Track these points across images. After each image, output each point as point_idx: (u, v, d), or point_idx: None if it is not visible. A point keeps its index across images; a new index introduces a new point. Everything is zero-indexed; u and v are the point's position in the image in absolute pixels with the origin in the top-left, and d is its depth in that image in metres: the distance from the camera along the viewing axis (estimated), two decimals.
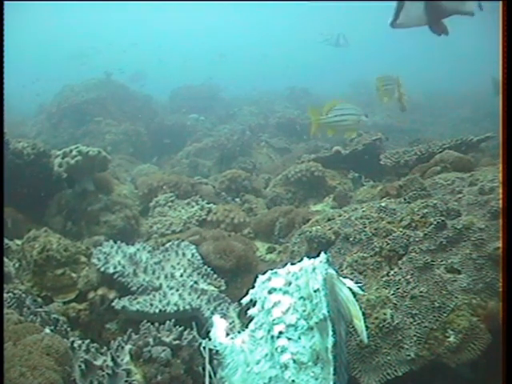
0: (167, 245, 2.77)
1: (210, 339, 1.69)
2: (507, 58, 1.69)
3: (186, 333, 1.89)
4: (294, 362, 1.37)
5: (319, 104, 11.11)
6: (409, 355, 1.66)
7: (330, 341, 1.31)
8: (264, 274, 1.57)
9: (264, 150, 7.20)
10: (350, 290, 1.40)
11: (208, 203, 3.96)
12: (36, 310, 2.01)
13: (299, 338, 1.40)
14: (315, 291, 1.37)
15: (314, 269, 1.42)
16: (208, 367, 1.67)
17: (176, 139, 7.95)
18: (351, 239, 2.10)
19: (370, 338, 1.69)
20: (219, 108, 10.47)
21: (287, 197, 4.31)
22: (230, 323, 2.14)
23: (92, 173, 3.73)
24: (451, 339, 1.65)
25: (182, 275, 2.51)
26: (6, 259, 2.52)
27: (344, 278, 1.47)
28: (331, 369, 1.32)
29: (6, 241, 2.76)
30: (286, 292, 1.48)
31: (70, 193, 3.63)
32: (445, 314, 1.70)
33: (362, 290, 1.49)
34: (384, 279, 1.86)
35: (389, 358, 1.68)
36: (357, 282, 1.54)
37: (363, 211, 2.26)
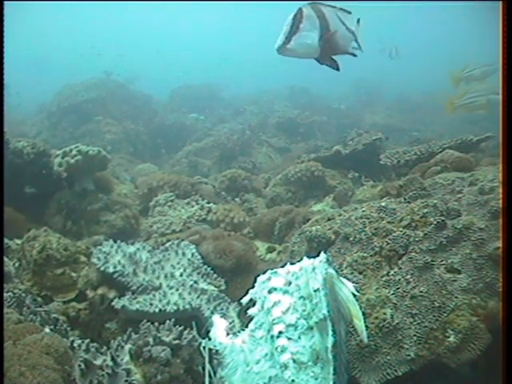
0: (167, 244, 2.77)
1: (209, 339, 1.69)
2: (507, 57, 1.69)
3: (185, 332, 1.89)
4: (294, 361, 1.37)
5: (318, 102, 11.07)
6: (409, 355, 1.66)
7: (330, 340, 1.31)
8: (264, 273, 1.57)
9: (264, 150, 7.20)
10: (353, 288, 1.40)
11: (208, 203, 3.96)
12: (36, 310, 2.00)
13: (299, 337, 1.40)
14: (315, 291, 1.37)
15: (313, 268, 1.42)
16: (208, 367, 1.67)
17: (176, 139, 7.95)
18: (351, 239, 2.10)
19: (370, 337, 1.69)
20: (219, 108, 10.47)
21: (287, 196, 4.32)
22: (230, 323, 2.14)
23: (92, 172, 3.73)
24: (451, 339, 1.65)
25: (181, 275, 2.51)
26: (5, 259, 2.52)
27: (343, 277, 1.47)
28: (331, 368, 1.32)
29: (5, 240, 2.76)
30: (285, 292, 1.48)
31: (70, 192, 3.63)
32: (445, 314, 1.70)
33: (358, 292, 1.48)
34: (384, 279, 1.86)
35: (389, 357, 1.68)
36: (354, 282, 1.54)
37: (363, 211, 2.26)
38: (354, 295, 1.40)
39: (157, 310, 2.19)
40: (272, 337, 1.42)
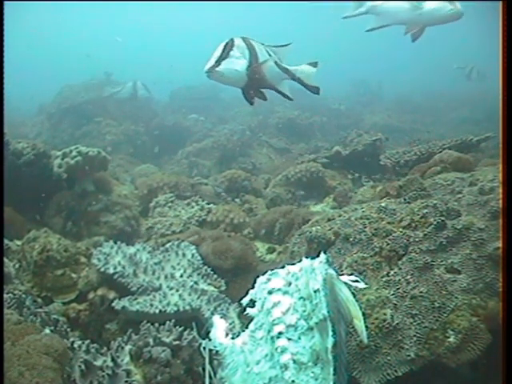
0: (167, 245, 2.77)
1: (210, 339, 1.69)
2: (507, 57, 1.69)
3: (185, 333, 1.89)
4: (294, 362, 1.37)
5: (318, 103, 11.09)
6: (409, 355, 1.66)
7: (330, 341, 1.30)
8: (264, 274, 1.57)
9: (264, 150, 7.20)
10: (350, 289, 1.40)
11: (208, 204, 3.96)
12: (36, 311, 2.00)
13: (299, 338, 1.40)
14: (315, 291, 1.37)
15: (313, 269, 1.42)
16: (208, 367, 1.67)
17: (176, 139, 7.94)
18: (351, 239, 2.10)
19: (370, 338, 1.69)
20: (219, 108, 10.46)
21: (287, 197, 4.32)
22: (230, 323, 2.14)
23: (92, 173, 3.73)
24: (451, 339, 1.65)
25: (182, 275, 2.51)
26: (6, 260, 2.52)
27: (349, 275, 1.47)
28: (331, 369, 1.31)
29: (6, 241, 2.76)
30: (285, 292, 1.47)
31: (70, 193, 3.63)
32: (445, 314, 1.70)
33: (366, 284, 1.47)
34: (384, 279, 1.86)
35: (389, 358, 1.68)
36: (356, 281, 1.53)
37: (363, 211, 2.26)
38: (355, 295, 1.40)
39: (157, 311, 2.19)
40: (272, 337, 1.42)
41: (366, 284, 1.50)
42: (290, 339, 1.40)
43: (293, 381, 1.36)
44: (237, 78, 1.86)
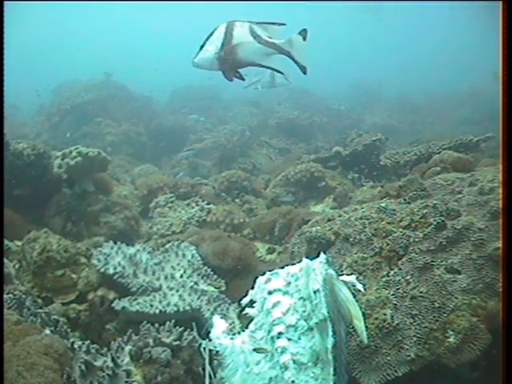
0: (167, 246, 2.77)
1: (210, 340, 1.69)
2: (507, 57, 1.69)
3: (186, 333, 1.89)
4: (294, 362, 1.37)
5: (318, 103, 11.01)
6: (409, 355, 1.66)
7: (330, 341, 1.31)
8: (264, 274, 1.57)
9: (264, 151, 7.20)
10: (350, 289, 1.40)
11: (208, 204, 3.96)
12: (36, 311, 2.00)
13: (299, 338, 1.40)
14: (315, 292, 1.37)
15: (313, 269, 1.42)
16: (208, 368, 1.67)
17: (176, 140, 7.94)
18: (351, 240, 2.10)
19: (370, 338, 1.69)
20: (219, 108, 10.46)
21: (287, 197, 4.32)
22: (230, 324, 2.14)
23: (92, 174, 3.73)
24: (451, 339, 1.65)
25: (181, 276, 2.51)
26: (6, 260, 2.52)
27: (349, 274, 1.47)
28: (331, 369, 1.32)
29: (6, 242, 2.76)
30: (285, 293, 1.48)
31: (70, 194, 3.63)
32: (445, 315, 1.70)
33: (364, 288, 1.48)
34: (384, 280, 1.86)
35: (389, 358, 1.68)
36: (358, 281, 1.53)
37: (363, 212, 2.26)
38: (355, 296, 1.40)
39: (157, 312, 2.20)
40: (272, 338, 1.42)
41: (364, 288, 1.49)
42: (290, 339, 1.40)
43: (293, 381, 1.36)
44: (208, 64, 1.96)
